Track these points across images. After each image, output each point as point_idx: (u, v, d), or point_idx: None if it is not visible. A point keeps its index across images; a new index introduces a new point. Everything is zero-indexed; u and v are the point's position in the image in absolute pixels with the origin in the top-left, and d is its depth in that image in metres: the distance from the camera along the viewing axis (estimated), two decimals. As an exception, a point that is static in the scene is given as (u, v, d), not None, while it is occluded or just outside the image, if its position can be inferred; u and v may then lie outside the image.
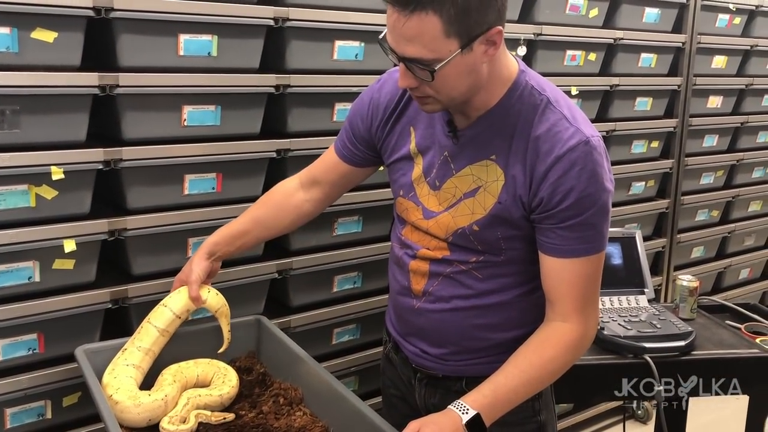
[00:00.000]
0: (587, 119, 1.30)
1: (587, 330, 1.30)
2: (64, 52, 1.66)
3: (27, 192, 1.66)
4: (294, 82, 2.00)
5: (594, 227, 1.25)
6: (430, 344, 1.47)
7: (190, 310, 1.62)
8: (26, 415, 1.73)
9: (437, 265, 1.40)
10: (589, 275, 1.28)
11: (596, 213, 1.24)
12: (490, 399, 1.24)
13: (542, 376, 1.30)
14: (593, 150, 1.23)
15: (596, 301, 1.32)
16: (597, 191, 1.23)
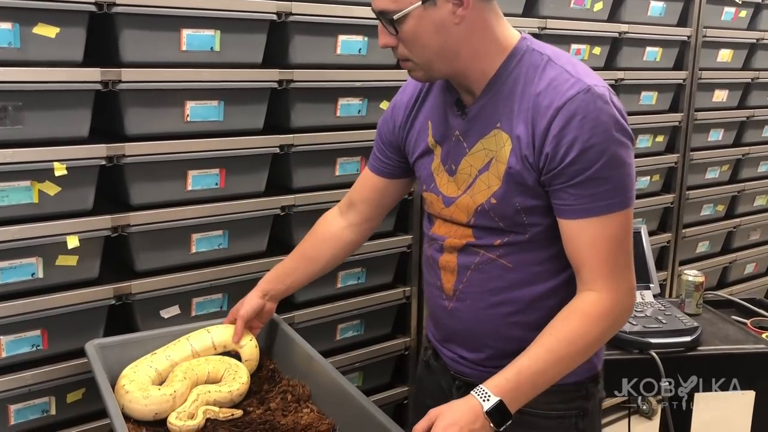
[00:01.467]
0: (593, 72, 1.20)
1: (619, 297, 1.18)
2: (66, 47, 1.66)
3: (30, 188, 1.65)
4: (297, 77, 1.99)
5: (608, 181, 1.15)
6: (466, 348, 1.38)
7: (227, 346, 1.66)
8: (30, 411, 1.73)
9: (464, 256, 1.32)
10: (611, 236, 1.17)
11: (607, 165, 1.14)
12: (514, 384, 1.15)
13: (571, 354, 1.18)
14: (596, 98, 1.14)
15: (627, 265, 1.20)
16: (604, 141, 1.13)
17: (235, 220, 1.97)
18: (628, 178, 1.17)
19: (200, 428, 1.46)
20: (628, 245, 1.19)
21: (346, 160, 2.17)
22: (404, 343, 2.42)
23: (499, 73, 1.23)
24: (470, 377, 1.38)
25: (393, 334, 2.43)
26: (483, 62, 1.22)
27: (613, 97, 1.18)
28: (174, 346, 1.63)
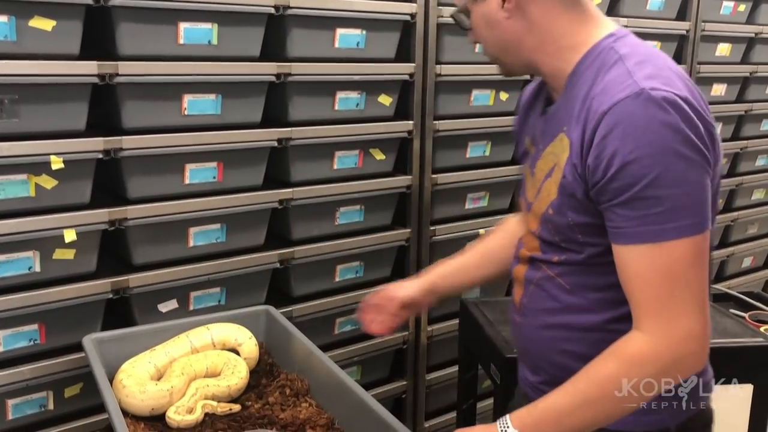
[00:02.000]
0: (670, 74, 1.02)
1: (671, 343, 1.00)
2: (62, 40, 1.65)
3: (27, 181, 1.65)
4: (295, 71, 1.98)
5: (661, 202, 0.97)
6: (528, 368, 1.27)
7: (227, 344, 1.68)
8: (28, 406, 1.73)
9: (530, 269, 1.21)
10: (665, 268, 0.99)
11: (658, 183, 0.96)
12: (536, 418, 1.06)
13: (600, 399, 1.03)
14: (648, 103, 0.97)
15: (687, 304, 1.00)
16: (654, 154, 0.96)
17: (232, 213, 1.96)
18: (689, 198, 0.98)
19: (199, 422, 1.46)
20: (692, 281, 1.00)
21: (344, 153, 2.16)
22: (402, 337, 2.42)
23: (574, 72, 1.11)
24: (533, 399, 1.18)
25: (391, 328, 2.43)
26: (556, 59, 1.12)
27: (683, 102, 0.98)
28: (173, 342, 1.64)
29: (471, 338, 2.13)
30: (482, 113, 2.46)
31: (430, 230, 2.40)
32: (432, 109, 2.32)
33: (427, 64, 2.26)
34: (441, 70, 2.29)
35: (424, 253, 2.40)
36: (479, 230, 2.50)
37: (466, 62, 2.35)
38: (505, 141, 2.56)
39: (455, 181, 2.42)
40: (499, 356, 1.84)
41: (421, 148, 2.33)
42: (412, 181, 2.33)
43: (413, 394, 2.50)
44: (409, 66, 2.23)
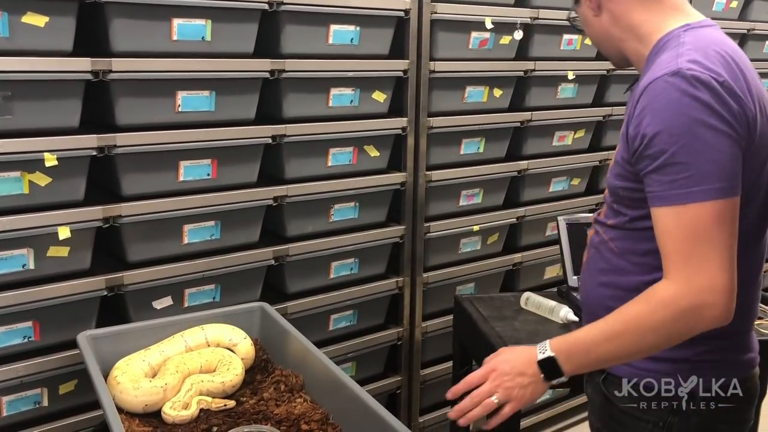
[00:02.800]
0: (708, 58, 1.12)
1: (689, 290, 1.08)
2: (55, 36, 1.64)
3: (20, 179, 1.64)
4: (289, 67, 1.98)
5: (688, 168, 1.07)
6: (586, 321, 1.36)
7: (221, 344, 1.68)
8: (22, 402, 1.73)
9: (594, 234, 1.35)
10: (689, 226, 1.08)
11: (685, 151, 1.07)
12: (570, 345, 1.18)
13: (625, 334, 1.13)
14: (682, 80, 1.08)
15: (708, 259, 1.08)
16: (680, 124, 1.07)
17: (227, 210, 1.96)
18: (715, 165, 1.07)
19: (194, 418, 1.46)
20: (716, 239, 1.08)
21: (338, 150, 2.16)
22: (397, 333, 2.43)
23: (648, 57, 1.24)
24: None
25: (386, 324, 2.44)
26: (636, 45, 1.27)
27: (716, 83, 1.09)
28: (168, 342, 1.65)
29: (465, 334, 2.14)
30: (476, 110, 2.46)
31: (424, 227, 2.40)
32: (426, 105, 2.32)
33: (421, 61, 2.27)
34: (435, 67, 2.29)
35: (419, 249, 2.40)
36: (473, 227, 2.51)
37: (460, 59, 2.36)
38: (499, 137, 2.56)
39: (449, 178, 2.43)
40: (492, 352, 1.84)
41: (416, 144, 2.33)
42: (407, 177, 2.33)
43: (408, 389, 2.51)
44: (403, 62, 2.23)
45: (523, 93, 2.61)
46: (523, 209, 2.66)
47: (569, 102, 2.74)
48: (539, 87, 2.62)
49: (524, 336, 1.90)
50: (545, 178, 2.75)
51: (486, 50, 2.42)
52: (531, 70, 2.54)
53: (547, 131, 2.71)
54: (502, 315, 2.04)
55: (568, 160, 2.78)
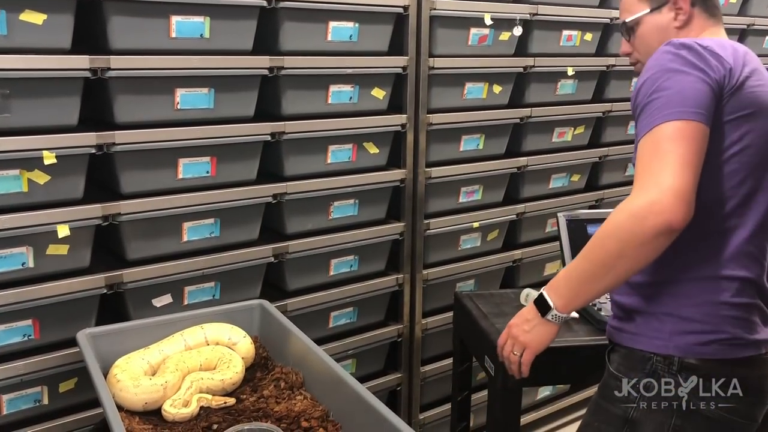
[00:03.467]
0: (700, 39, 1.28)
1: (639, 194, 1.18)
2: (53, 34, 1.64)
3: (19, 177, 1.64)
4: (288, 64, 1.98)
5: (657, 101, 1.22)
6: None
7: (220, 343, 1.68)
8: (23, 401, 1.73)
9: None
10: (652, 146, 1.20)
11: (657, 89, 1.22)
12: (556, 278, 1.33)
13: (593, 247, 1.24)
14: (666, 46, 1.26)
15: (660, 167, 1.18)
16: (656, 71, 1.24)
17: (226, 208, 1.96)
18: (680, 95, 1.20)
19: (194, 416, 1.46)
20: (670, 151, 1.18)
21: (337, 147, 2.16)
22: (397, 330, 2.43)
23: None
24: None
25: (386, 321, 2.43)
26: None
27: (698, 45, 1.24)
28: (167, 341, 1.65)
29: (465, 331, 2.14)
30: (475, 106, 2.46)
31: (424, 224, 2.40)
32: (425, 102, 2.32)
33: (420, 57, 2.26)
34: (434, 63, 2.28)
35: (419, 246, 2.40)
36: (473, 223, 2.51)
37: (459, 55, 2.35)
38: (499, 134, 2.56)
39: (449, 175, 2.42)
40: (493, 348, 1.84)
41: (415, 141, 2.33)
42: (406, 174, 2.33)
43: (408, 386, 2.51)
44: (402, 59, 2.23)
45: (522, 89, 2.60)
46: (522, 206, 2.66)
47: (569, 98, 2.74)
48: (539, 83, 2.62)
49: (524, 332, 1.90)
50: (545, 174, 2.74)
51: (485, 46, 2.41)
52: (530, 66, 2.53)
53: (547, 127, 2.70)
54: (502, 311, 2.04)
55: (568, 156, 2.77)
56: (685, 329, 1.27)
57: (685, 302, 1.27)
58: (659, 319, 1.29)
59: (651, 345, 1.30)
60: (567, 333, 1.89)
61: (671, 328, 1.27)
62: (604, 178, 3.00)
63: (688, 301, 1.27)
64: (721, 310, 1.26)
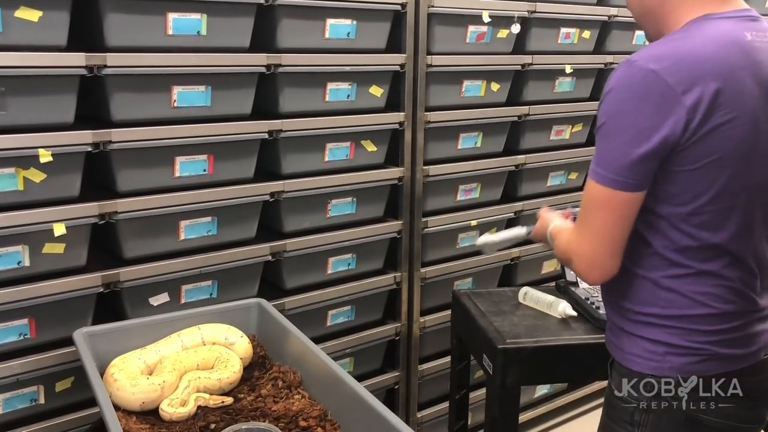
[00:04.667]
0: (665, 50, 1.17)
1: (569, 241, 1.30)
2: (49, 31, 1.63)
3: (15, 175, 1.63)
4: (285, 62, 1.97)
5: (597, 147, 1.21)
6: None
7: (217, 343, 1.67)
8: (19, 400, 1.72)
9: None
10: (584, 195, 1.24)
11: (601, 131, 1.20)
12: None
13: (556, 244, 1.41)
14: (629, 67, 1.16)
15: (583, 225, 1.25)
16: (607, 110, 1.19)
17: (223, 206, 1.95)
18: (611, 155, 1.17)
19: (191, 415, 1.46)
20: (595, 220, 1.22)
21: (335, 145, 2.15)
22: (395, 329, 2.42)
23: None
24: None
25: (384, 319, 2.43)
26: (670, 28, 1.26)
27: (650, 72, 1.14)
28: (165, 341, 1.65)
29: (463, 329, 2.13)
30: (473, 104, 2.45)
31: (422, 222, 2.40)
32: (423, 100, 2.31)
33: (418, 55, 2.26)
34: (432, 61, 2.28)
35: (417, 244, 2.40)
36: (471, 221, 2.51)
37: (457, 53, 2.35)
38: (497, 132, 2.55)
39: (447, 173, 2.42)
40: (491, 347, 1.84)
41: (413, 139, 2.32)
42: (404, 172, 2.32)
43: (406, 385, 2.51)
44: (400, 56, 2.22)
45: (520, 87, 2.60)
46: (520, 204, 2.65)
47: (567, 96, 2.73)
48: (537, 81, 2.61)
49: (522, 331, 1.90)
50: (543, 172, 2.74)
51: (483, 44, 2.41)
52: (528, 64, 2.53)
53: (545, 125, 2.70)
54: (501, 310, 2.03)
55: (566, 154, 2.77)
56: (679, 353, 1.25)
57: (677, 332, 1.25)
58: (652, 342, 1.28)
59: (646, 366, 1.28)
60: (564, 332, 1.89)
61: (664, 350, 1.25)
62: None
63: (679, 332, 1.25)
64: (711, 336, 1.24)
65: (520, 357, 1.82)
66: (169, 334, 1.67)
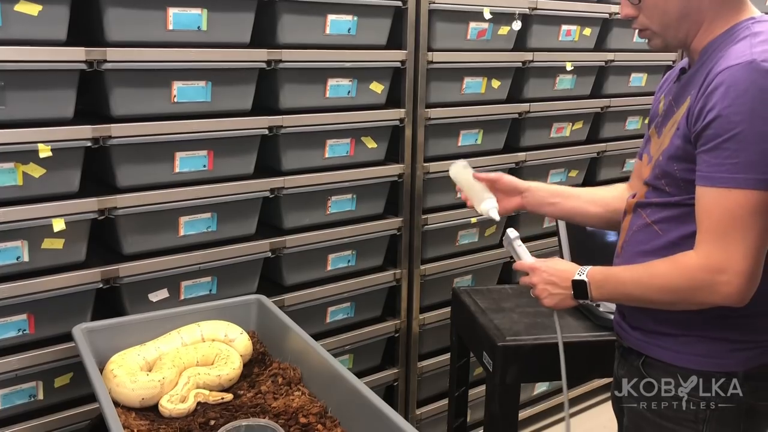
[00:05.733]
0: None
1: (708, 265, 1.16)
2: (49, 25, 1.62)
3: (14, 170, 1.62)
4: (286, 57, 1.96)
5: (737, 155, 1.12)
6: (620, 308, 1.44)
7: (216, 339, 1.67)
8: (17, 396, 1.71)
9: (633, 218, 1.36)
10: (728, 210, 1.14)
11: (739, 138, 1.11)
12: (604, 278, 1.31)
13: (650, 285, 1.24)
14: (754, 70, 1.11)
15: (735, 242, 1.14)
16: (743, 111, 1.11)
17: (223, 202, 1.95)
18: (762, 156, 1.11)
19: (191, 411, 1.45)
20: (750, 227, 1.13)
21: (335, 142, 2.15)
22: (394, 326, 2.42)
23: (710, 45, 1.24)
24: (622, 340, 1.41)
25: (383, 316, 2.43)
26: (707, 30, 1.24)
27: None
28: (164, 338, 1.64)
29: (463, 326, 2.13)
30: (474, 101, 2.45)
31: (422, 219, 2.39)
32: (424, 96, 2.30)
33: (418, 51, 2.25)
34: (433, 57, 2.27)
35: (416, 241, 2.39)
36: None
37: (458, 49, 2.34)
38: (497, 129, 2.55)
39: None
40: (491, 344, 1.84)
41: (413, 136, 2.32)
42: (404, 169, 2.32)
43: (405, 382, 2.51)
44: (401, 53, 2.22)
45: (521, 84, 2.59)
46: (520, 201, 2.64)
47: (567, 93, 2.73)
48: (537, 78, 2.61)
49: (522, 328, 1.89)
50: (543, 169, 2.74)
51: (484, 41, 2.40)
52: (529, 61, 2.52)
53: (545, 123, 2.70)
54: (500, 307, 2.03)
55: (566, 151, 2.77)
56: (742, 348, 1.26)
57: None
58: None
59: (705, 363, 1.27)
60: (565, 329, 1.89)
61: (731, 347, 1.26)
62: (602, 173, 2.99)
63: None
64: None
65: (519, 354, 1.82)
66: (169, 331, 1.67)
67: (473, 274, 2.60)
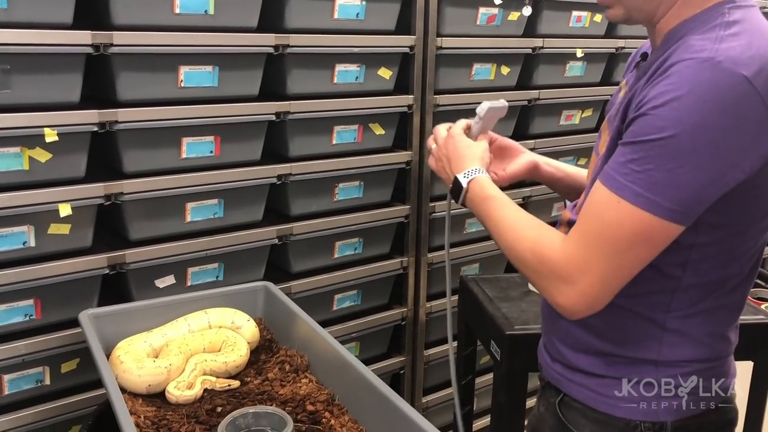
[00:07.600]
0: (750, 50, 0.94)
1: (566, 265, 1.03)
2: (55, 8, 1.60)
3: (20, 155, 1.61)
4: (293, 42, 1.94)
5: (644, 164, 0.95)
6: (543, 331, 1.34)
7: (223, 326, 1.66)
8: (24, 381, 1.71)
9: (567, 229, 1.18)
10: (612, 220, 0.98)
11: (658, 149, 0.93)
12: (480, 198, 1.21)
13: (512, 235, 1.15)
14: (708, 70, 0.92)
15: (598, 260, 1.00)
16: (672, 119, 0.92)
17: (230, 188, 1.93)
18: (673, 183, 0.94)
19: (198, 398, 1.45)
20: (622, 252, 0.99)
21: (343, 128, 2.13)
22: (401, 314, 2.41)
23: (677, 29, 1.04)
24: (542, 373, 1.37)
25: (390, 304, 2.42)
26: (679, 9, 1.05)
27: (746, 82, 0.92)
28: (171, 325, 1.64)
29: (470, 315, 2.12)
30: (483, 88, 2.42)
31: (429, 206, 2.37)
32: (432, 83, 2.28)
33: (427, 37, 2.22)
34: (442, 43, 2.25)
35: (424, 229, 2.38)
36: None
37: (467, 35, 2.31)
38: (506, 116, 2.51)
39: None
40: (499, 333, 1.83)
41: (421, 123, 2.29)
42: (412, 156, 2.30)
43: (411, 369, 2.50)
44: (410, 38, 2.19)
45: (530, 71, 2.56)
46: (529, 189, 2.63)
47: (577, 80, 2.70)
48: (547, 65, 2.58)
49: (531, 317, 1.88)
50: (552, 157, 2.70)
51: (494, 26, 2.37)
52: (539, 48, 2.49)
53: (555, 110, 2.67)
54: (508, 296, 2.02)
55: (576, 139, 2.74)
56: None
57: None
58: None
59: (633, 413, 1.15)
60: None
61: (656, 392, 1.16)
62: (612, 162, 2.97)
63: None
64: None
65: (528, 343, 1.81)
66: (176, 317, 1.66)
67: (481, 262, 2.59)
